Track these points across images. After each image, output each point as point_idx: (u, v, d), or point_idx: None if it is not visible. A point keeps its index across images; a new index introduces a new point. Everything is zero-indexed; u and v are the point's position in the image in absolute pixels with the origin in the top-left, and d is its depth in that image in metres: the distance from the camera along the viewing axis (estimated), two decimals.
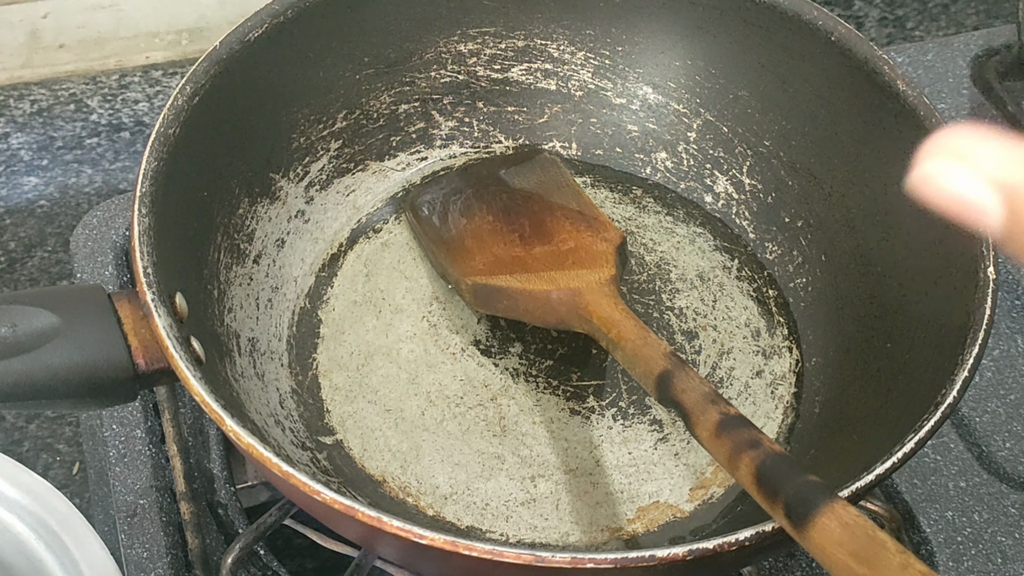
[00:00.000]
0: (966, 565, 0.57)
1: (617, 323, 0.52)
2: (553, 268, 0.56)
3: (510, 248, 0.58)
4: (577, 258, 0.57)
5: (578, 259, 0.57)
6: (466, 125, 0.65)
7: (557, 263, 0.57)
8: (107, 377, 0.46)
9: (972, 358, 0.47)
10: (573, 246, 0.58)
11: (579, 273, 0.55)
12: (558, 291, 0.55)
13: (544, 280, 0.56)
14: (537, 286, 0.55)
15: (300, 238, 0.61)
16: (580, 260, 0.57)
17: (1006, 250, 0.30)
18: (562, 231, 0.59)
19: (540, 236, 0.59)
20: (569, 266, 0.56)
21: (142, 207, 0.48)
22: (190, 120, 0.52)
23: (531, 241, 0.59)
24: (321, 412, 0.56)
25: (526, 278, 0.56)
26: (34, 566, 0.51)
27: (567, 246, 0.58)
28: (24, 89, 0.81)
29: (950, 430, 0.61)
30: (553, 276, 0.56)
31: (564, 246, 0.58)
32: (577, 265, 0.56)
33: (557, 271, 0.56)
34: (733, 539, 0.41)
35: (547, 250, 0.58)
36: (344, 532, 0.49)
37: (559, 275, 0.56)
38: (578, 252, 0.57)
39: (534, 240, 0.59)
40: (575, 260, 0.57)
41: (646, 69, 0.64)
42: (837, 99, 0.58)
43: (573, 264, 0.56)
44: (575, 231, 0.59)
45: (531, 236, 0.59)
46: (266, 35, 0.56)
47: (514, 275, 0.56)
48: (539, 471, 0.55)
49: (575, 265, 0.56)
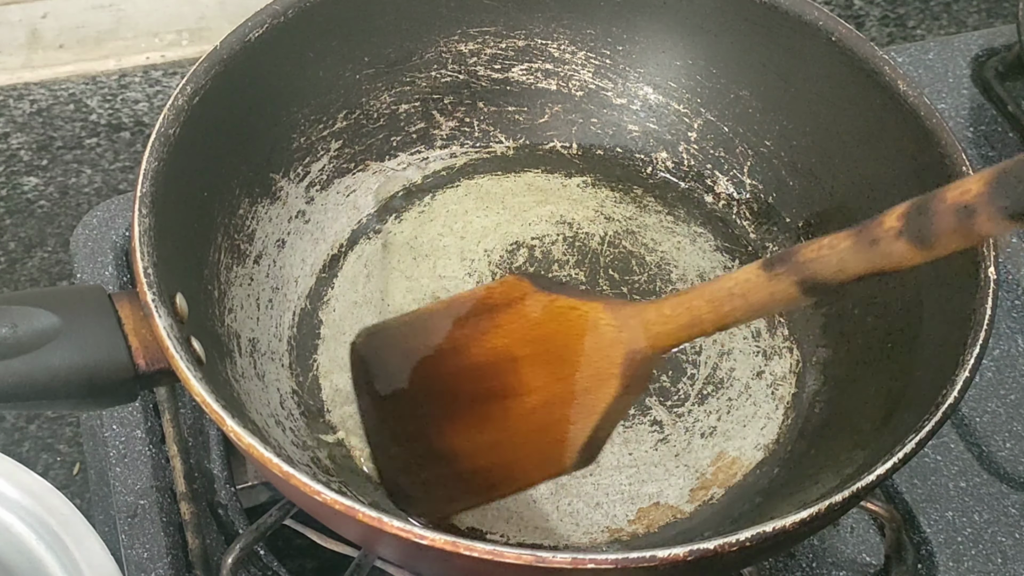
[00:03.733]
0: (966, 565, 0.57)
1: (688, 318, 0.45)
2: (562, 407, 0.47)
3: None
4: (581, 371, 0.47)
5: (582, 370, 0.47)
6: (467, 125, 0.65)
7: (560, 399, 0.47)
8: (107, 377, 0.46)
9: (973, 358, 0.47)
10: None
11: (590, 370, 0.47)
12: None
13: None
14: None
15: (300, 238, 0.61)
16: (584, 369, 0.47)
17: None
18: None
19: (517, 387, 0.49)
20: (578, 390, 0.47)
21: (142, 207, 0.48)
22: (190, 120, 0.52)
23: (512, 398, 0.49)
24: (322, 412, 0.56)
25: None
26: (34, 566, 0.51)
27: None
28: (24, 89, 0.81)
29: (950, 430, 0.61)
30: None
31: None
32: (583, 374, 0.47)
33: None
34: (734, 539, 0.41)
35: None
36: (344, 532, 0.49)
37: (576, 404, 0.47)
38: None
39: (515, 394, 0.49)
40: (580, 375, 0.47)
41: (647, 69, 0.64)
42: (838, 99, 0.58)
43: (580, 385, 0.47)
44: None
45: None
46: (266, 35, 0.56)
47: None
48: None
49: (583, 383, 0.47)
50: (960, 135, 0.71)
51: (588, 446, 0.48)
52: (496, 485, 0.51)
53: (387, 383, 0.53)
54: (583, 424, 0.47)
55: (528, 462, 0.49)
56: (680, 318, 0.45)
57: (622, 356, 0.46)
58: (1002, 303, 0.66)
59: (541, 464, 0.49)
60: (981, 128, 0.74)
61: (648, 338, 0.46)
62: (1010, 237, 0.69)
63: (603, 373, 0.46)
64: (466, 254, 0.62)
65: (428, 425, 0.51)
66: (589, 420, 0.47)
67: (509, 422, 0.49)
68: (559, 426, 0.48)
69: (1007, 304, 0.66)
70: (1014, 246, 0.69)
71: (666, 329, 0.46)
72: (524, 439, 0.49)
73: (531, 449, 0.49)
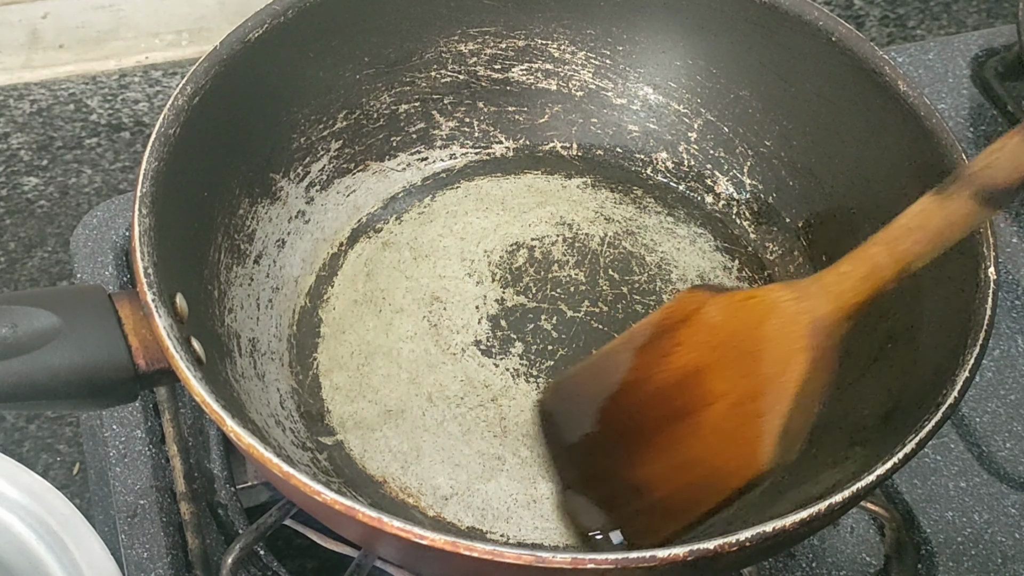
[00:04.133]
0: (966, 565, 0.57)
1: (868, 268, 0.43)
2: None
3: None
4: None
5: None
6: (467, 125, 0.65)
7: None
8: (107, 377, 0.46)
9: (973, 359, 0.47)
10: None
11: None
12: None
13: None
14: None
15: (301, 238, 0.61)
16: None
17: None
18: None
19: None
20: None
21: (142, 207, 0.48)
22: (190, 120, 0.52)
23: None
24: (322, 412, 0.56)
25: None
26: (34, 566, 0.51)
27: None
28: (24, 89, 0.81)
29: (950, 430, 0.61)
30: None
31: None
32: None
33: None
34: (733, 539, 0.41)
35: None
36: (344, 532, 0.49)
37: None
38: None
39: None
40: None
41: (647, 69, 0.64)
42: (838, 99, 0.58)
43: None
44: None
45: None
46: (266, 35, 0.56)
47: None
48: (540, 472, 0.55)
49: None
50: (960, 135, 0.71)
51: (786, 436, 0.45)
52: (699, 501, 0.48)
53: (575, 430, 0.51)
54: (776, 412, 0.45)
55: (726, 469, 0.47)
56: (858, 270, 0.44)
57: (806, 327, 0.44)
58: (1002, 303, 0.66)
59: (739, 467, 0.46)
60: (981, 128, 0.74)
61: (830, 300, 0.44)
62: (1010, 237, 0.69)
63: (789, 352, 0.45)
64: (466, 254, 0.62)
65: (619, 460, 0.49)
66: (781, 407, 0.45)
67: (701, 435, 0.47)
68: (751, 423, 0.45)
69: (1007, 304, 0.66)
70: (1014, 246, 0.69)
71: (847, 286, 0.44)
72: (718, 448, 0.47)
73: (727, 455, 0.47)
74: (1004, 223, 0.69)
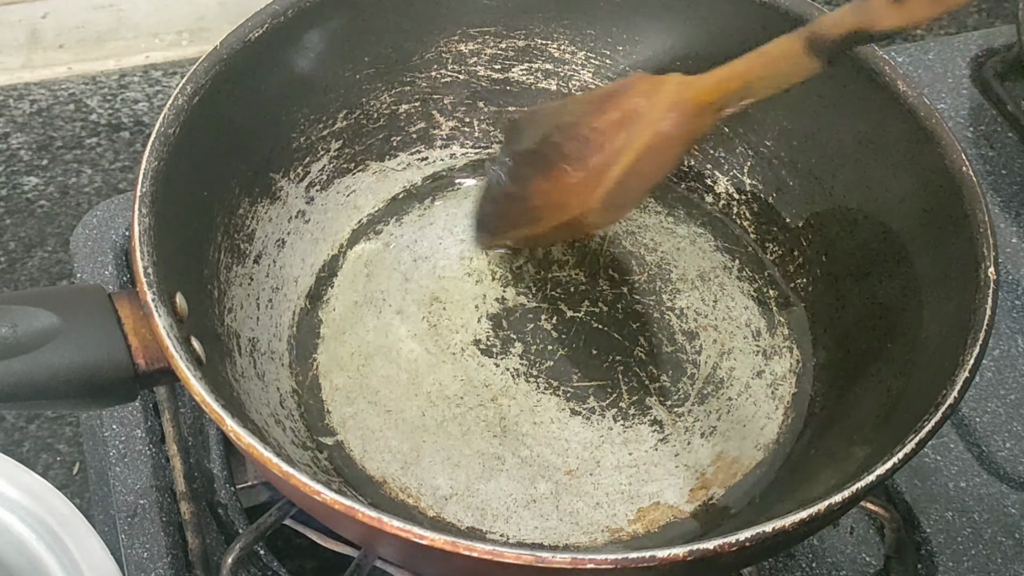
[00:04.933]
0: (966, 565, 0.57)
1: (727, 74, 0.51)
2: (623, 124, 0.54)
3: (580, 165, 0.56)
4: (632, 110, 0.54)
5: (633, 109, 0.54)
6: (467, 125, 0.65)
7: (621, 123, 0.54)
8: (107, 377, 0.46)
9: (973, 359, 0.47)
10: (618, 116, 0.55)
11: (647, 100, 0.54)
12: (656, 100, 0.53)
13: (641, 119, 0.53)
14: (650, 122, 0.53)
15: (300, 238, 0.61)
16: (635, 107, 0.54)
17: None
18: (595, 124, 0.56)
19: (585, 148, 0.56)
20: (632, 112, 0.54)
21: (142, 207, 0.48)
22: (190, 120, 0.52)
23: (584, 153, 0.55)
24: (321, 412, 0.56)
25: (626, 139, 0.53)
26: (34, 566, 0.51)
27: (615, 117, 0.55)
28: (24, 89, 0.81)
29: (950, 430, 0.61)
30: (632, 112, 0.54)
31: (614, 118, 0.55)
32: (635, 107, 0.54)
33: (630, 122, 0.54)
34: (733, 539, 0.41)
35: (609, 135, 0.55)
36: (344, 532, 0.49)
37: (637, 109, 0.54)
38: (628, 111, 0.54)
39: (585, 152, 0.55)
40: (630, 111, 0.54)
41: (647, 69, 0.64)
42: (838, 99, 0.58)
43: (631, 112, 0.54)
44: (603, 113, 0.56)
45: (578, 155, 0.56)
46: (266, 35, 0.56)
47: (621, 151, 0.53)
48: (539, 472, 0.55)
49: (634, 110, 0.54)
50: (960, 135, 0.71)
51: (615, 189, 0.54)
52: (545, 219, 0.57)
53: (521, 143, 0.60)
54: (617, 166, 0.53)
55: (572, 201, 0.55)
56: (717, 75, 0.52)
57: (666, 105, 0.53)
58: (1002, 303, 0.66)
59: (579, 202, 0.55)
60: (981, 128, 0.74)
61: (690, 91, 0.52)
62: (1010, 237, 0.69)
63: (649, 122, 0.53)
64: (465, 255, 0.62)
65: (528, 174, 0.58)
66: (623, 162, 0.53)
67: (577, 172, 0.55)
68: (603, 171, 0.54)
69: (1007, 304, 0.66)
70: (1014, 246, 0.69)
71: (704, 84, 0.52)
72: (578, 184, 0.55)
73: (579, 191, 0.55)
74: (1004, 223, 0.69)
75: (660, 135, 0.53)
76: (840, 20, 0.47)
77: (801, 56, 0.49)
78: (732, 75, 0.51)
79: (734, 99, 0.52)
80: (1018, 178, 0.72)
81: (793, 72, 0.49)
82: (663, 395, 0.57)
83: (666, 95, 0.53)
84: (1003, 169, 0.72)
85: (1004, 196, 0.71)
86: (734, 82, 0.51)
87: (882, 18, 0.46)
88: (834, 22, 0.47)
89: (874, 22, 0.46)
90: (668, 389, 0.58)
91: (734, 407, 0.57)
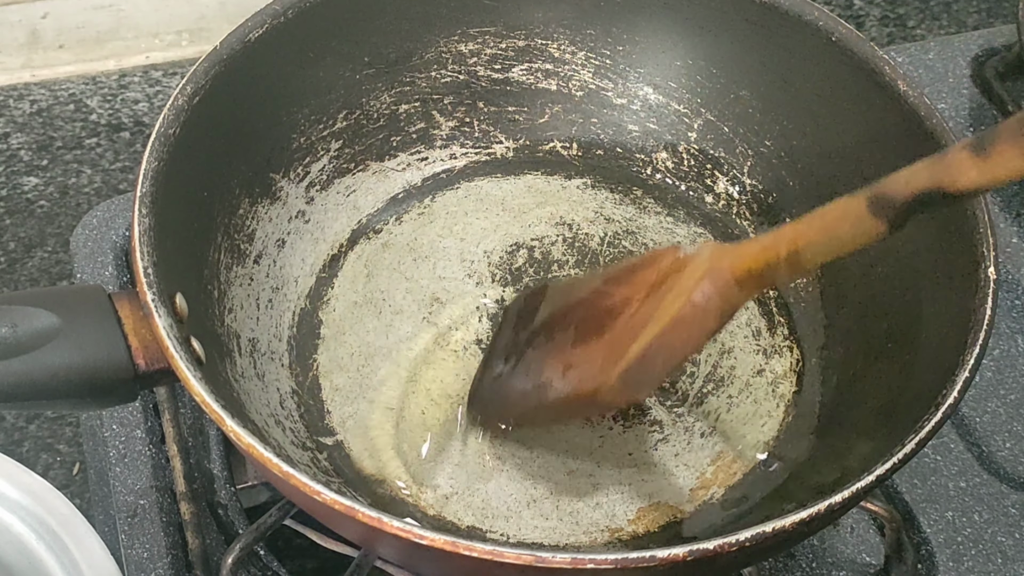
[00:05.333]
0: (966, 565, 0.57)
1: (773, 240, 0.45)
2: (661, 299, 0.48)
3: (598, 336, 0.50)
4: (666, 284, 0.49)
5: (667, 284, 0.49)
6: (467, 125, 0.65)
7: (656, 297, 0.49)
8: (107, 377, 0.46)
9: (973, 359, 0.47)
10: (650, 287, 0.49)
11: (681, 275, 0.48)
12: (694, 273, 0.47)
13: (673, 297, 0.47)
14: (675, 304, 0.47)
15: (300, 238, 0.61)
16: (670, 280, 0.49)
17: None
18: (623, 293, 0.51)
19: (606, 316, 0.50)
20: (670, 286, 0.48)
21: (142, 207, 0.48)
22: (190, 120, 0.52)
23: (604, 324, 0.50)
24: (321, 412, 0.56)
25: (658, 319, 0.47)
26: (34, 566, 0.51)
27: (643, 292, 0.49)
28: (24, 89, 0.81)
29: (950, 430, 0.61)
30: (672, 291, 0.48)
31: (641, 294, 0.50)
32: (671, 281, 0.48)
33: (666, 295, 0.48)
34: (733, 539, 0.41)
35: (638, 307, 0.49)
36: (344, 532, 0.49)
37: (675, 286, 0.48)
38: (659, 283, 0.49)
39: (605, 322, 0.50)
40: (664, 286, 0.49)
41: (647, 69, 0.64)
42: (838, 99, 0.58)
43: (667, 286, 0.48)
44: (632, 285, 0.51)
45: (598, 324, 0.51)
46: (266, 35, 0.56)
47: (642, 330, 0.48)
48: (539, 471, 0.55)
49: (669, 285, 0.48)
50: (960, 135, 0.71)
51: (637, 364, 0.48)
52: (551, 397, 0.52)
53: (523, 324, 0.56)
54: (643, 337, 0.48)
55: (588, 375, 0.50)
56: (762, 241, 0.46)
57: (701, 274, 0.47)
58: (1002, 303, 0.66)
59: (595, 377, 0.49)
60: (981, 128, 0.74)
61: (729, 259, 0.47)
62: (1010, 237, 0.69)
63: (679, 292, 0.47)
64: (466, 255, 0.62)
65: (536, 350, 0.53)
66: (647, 335, 0.47)
67: (594, 344, 0.50)
68: (625, 343, 0.48)
69: (1007, 304, 0.66)
70: (1014, 246, 0.69)
71: (747, 251, 0.46)
72: (596, 356, 0.50)
73: (597, 365, 0.49)
74: (1004, 223, 0.69)
75: (691, 306, 0.46)
76: (912, 178, 0.42)
77: (865, 219, 0.43)
78: (779, 241, 0.45)
79: (782, 269, 0.45)
80: None
81: (854, 237, 0.43)
82: (663, 395, 0.57)
83: (700, 263, 0.47)
84: None
85: (1004, 196, 0.71)
86: (782, 249, 0.45)
87: (962, 174, 0.40)
88: (906, 180, 0.42)
89: (954, 179, 0.40)
90: (668, 389, 0.58)
91: (734, 407, 0.57)
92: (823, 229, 0.44)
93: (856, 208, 0.43)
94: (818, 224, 0.44)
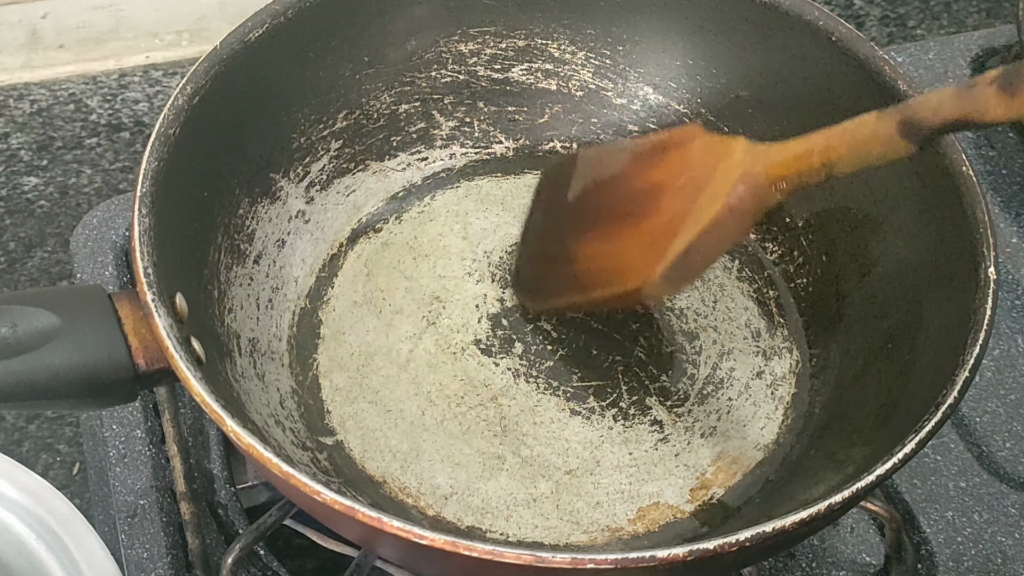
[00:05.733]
0: (966, 565, 0.57)
1: (805, 148, 0.48)
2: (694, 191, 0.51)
3: (639, 221, 0.53)
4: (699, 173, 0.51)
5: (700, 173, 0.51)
6: (467, 125, 0.65)
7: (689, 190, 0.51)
8: (107, 377, 0.46)
9: (973, 358, 0.47)
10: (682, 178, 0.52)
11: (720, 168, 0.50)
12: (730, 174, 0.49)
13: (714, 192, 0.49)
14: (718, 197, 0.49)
15: (300, 238, 0.61)
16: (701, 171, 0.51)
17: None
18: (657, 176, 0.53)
19: (648, 199, 0.53)
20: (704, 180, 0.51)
21: (142, 207, 0.48)
22: (190, 120, 0.52)
23: (646, 209, 0.53)
24: (321, 412, 0.56)
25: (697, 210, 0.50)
26: (34, 566, 0.51)
27: (677, 180, 0.52)
28: (24, 89, 0.81)
29: (950, 430, 0.61)
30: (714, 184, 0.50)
31: (675, 181, 0.52)
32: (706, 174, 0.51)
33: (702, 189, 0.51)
34: (733, 539, 0.41)
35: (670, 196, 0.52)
36: (344, 532, 0.49)
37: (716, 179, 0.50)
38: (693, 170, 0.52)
39: (648, 206, 0.53)
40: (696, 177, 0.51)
41: (647, 69, 0.64)
42: (838, 99, 0.58)
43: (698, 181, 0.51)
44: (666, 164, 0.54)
45: (642, 208, 0.53)
46: (266, 35, 0.56)
47: (683, 226, 0.50)
48: (539, 471, 0.55)
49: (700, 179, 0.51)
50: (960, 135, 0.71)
51: (679, 263, 0.50)
52: (596, 286, 0.55)
53: (556, 200, 0.59)
54: (681, 239, 0.50)
55: (629, 269, 0.53)
56: (795, 149, 0.49)
57: (737, 177, 0.49)
58: (1002, 303, 0.66)
59: (637, 272, 0.52)
60: None
61: (764, 164, 0.49)
62: (1010, 237, 0.69)
63: (716, 193, 0.50)
64: (466, 255, 0.62)
65: (572, 232, 0.57)
66: (686, 235, 0.50)
67: (633, 235, 0.53)
68: (664, 240, 0.51)
69: (1007, 304, 0.66)
70: (1014, 246, 0.69)
71: (781, 157, 0.49)
72: (636, 251, 0.53)
73: (637, 260, 0.52)
74: (1004, 223, 0.69)
75: (728, 209, 0.49)
76: (941, 107, 0.44)
77: (894, 139, 0.45)
78: (811, 150, 0.48)
79: (812, 176, 0.48)
80: (1018, 178, 0.72)
81: (883, 154, 0.46)
82: (663, 395, 0.57)
83: (735, 164, 0.50)
84: (1003, 169, 0.72)
85: (1004, 196, 0.71)
86: (814, 158, 0.48)
87: (990, 110, 0.43)
88: (934, 109, 0.44)
89: (982, 112, 0.43)
90: (668, 389, 0.58)
91: (734, 407, 0.57)
92: (854, 146, 0.47)
93: (886, 130, 0.46)
94: (849, 140, 0.47)
